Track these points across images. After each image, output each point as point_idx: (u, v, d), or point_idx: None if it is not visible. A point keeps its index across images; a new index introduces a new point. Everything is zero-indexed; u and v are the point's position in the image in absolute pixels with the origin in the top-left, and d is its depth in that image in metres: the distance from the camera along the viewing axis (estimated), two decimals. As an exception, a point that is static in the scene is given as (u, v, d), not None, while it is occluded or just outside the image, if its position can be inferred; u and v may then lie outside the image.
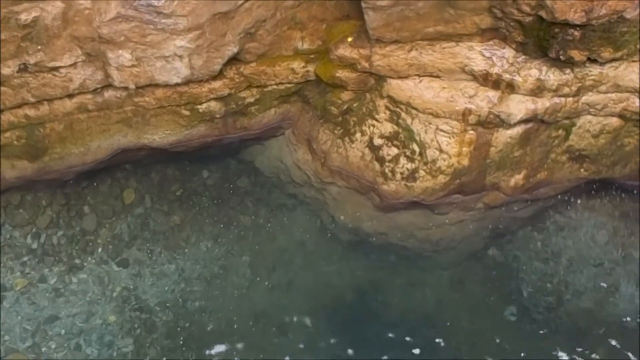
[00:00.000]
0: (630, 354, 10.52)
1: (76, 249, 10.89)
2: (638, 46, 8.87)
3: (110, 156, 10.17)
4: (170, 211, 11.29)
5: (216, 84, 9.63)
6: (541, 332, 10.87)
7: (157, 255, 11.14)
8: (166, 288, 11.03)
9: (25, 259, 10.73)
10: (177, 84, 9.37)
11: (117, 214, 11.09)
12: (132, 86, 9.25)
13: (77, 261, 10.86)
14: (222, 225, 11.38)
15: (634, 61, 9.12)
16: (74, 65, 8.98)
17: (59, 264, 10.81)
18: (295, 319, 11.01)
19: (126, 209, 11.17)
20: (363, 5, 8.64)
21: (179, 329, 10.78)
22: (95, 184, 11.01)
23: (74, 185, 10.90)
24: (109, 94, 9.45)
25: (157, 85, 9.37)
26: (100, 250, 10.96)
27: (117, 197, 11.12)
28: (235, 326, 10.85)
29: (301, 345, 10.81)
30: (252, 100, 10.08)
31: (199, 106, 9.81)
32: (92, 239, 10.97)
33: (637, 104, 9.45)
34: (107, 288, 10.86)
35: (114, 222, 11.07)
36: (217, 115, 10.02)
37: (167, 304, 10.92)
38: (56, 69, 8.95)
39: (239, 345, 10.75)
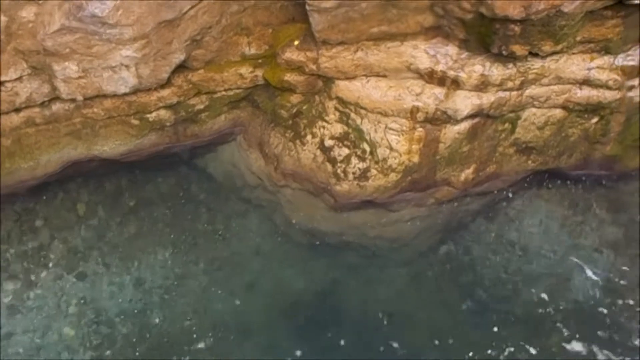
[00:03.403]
0: (584, 341, 10.70)
1: (31, 264, 10.77)
2: (577, 38, 9.08)
3: (61, 169, 10.10)
4: (125, 222, 11.22)
5: (165, 92, 9.62)
6: (499, 323, 10.98)
7: (114, 267, 11.06)
8: (123, 299, 10.95)
9: (-22, 276, 10.61)
10: (125, 94, 9.35)
11: (71, 227, 10.99)
12: (79, 98, 9.19)
13: (32, 277, 10.74)
14: (177, 234, 11.34)
15: (574, 53, 9.34)
16: (19, 79, 8.91)
17: (13, 280, 10.68)
18: (254, 324, 10.98)
19: (80, 221, 11.07)
20: (308, 8, 8.71)
21: (137, 340, 10.71)
22: (46, 197, 10.91)
23: (25, 200, 10.79)
24: (56, 106, 9.39)
25: (105, 96, 9.34)
26: (55, 264, 10.85)
27: (70, 210, 11.03)
28: (195, 335, 10.80)
29: (262, 351, 10.79)
30: (201, 107, 10.09)
31: (148, 115, 9.80)
32: (47, 253, 10.86)
33: (579, 95, 9.67)
34: (64, 302, 10.75)
35: (68, 235, 10.97)
36: (167, 124, 10.01)
37: (126, 316, 10.84)
38: (1, 83, 8.86)
39: (200, 354, 10.71)
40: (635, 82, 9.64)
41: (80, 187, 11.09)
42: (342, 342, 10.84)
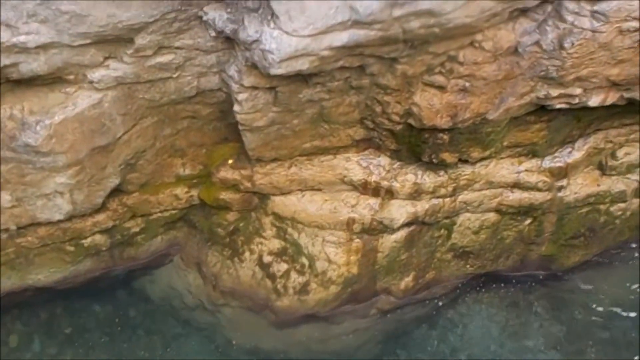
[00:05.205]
0: None
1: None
2: (504, 143, 9.37)
3: (-6, 301, 9.83)
4: (61, 351, 10.86)
5: (100, 217, 9.52)
6: None
7: (50, 400, 10.67)
8: None
9: None
10: (60, 221, 9.21)
11: (4, 361, 10.63)
12: (13, 227, 9.03)
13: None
14: (115, 361, 11.04)
15: (502, 158, 9.62)
16: (-52, 211, 8.74)
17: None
18: None
19: (13, 354, 10.67)
20: (240, 127, 8.78)
21: None
22: (-23, 331, 10.57)
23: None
24: (-12, 237, 9.21)
25: (39, 224, 9.18)
26: (-13, 401, 10.42)
27: (3, 343, 10.65)
28: None
29: None
30: (137, 229, 10.00)
31: (83, 241, 9.66)
32: (-23, 391, 10.43)
33: (511, 198, 9.90)
34: None
35: (2, 369, 10.60)
36: (103, 248, 9.87)
37: None
38: None
39: None
40: (564, 182, 9.95)
41: (14, 317, 10.75)
42: None
